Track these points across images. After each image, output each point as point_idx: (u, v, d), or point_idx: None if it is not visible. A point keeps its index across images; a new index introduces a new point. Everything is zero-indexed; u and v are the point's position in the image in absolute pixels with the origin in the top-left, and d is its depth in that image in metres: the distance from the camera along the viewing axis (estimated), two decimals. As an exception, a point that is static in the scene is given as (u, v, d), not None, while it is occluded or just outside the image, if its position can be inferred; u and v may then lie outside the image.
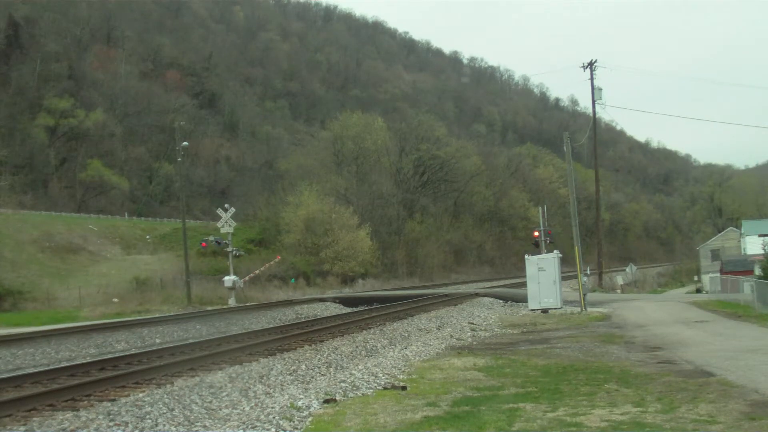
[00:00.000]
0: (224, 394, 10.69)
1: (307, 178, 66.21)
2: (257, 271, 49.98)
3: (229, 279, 41.89)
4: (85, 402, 10.38)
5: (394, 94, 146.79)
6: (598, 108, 50.52)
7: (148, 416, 9.19)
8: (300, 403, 10.05)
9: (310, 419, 9.24)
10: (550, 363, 13.74)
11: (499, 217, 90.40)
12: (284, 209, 61.36)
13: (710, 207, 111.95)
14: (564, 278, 31.16)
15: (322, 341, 17.57)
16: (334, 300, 40.35)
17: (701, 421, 8.28)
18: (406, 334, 19.74)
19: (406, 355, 15.68)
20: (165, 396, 10.37)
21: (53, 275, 49.31)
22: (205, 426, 8.83)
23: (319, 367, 13.60)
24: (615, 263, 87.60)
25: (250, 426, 8.75)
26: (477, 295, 36.23)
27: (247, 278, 47.10)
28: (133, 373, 12.71)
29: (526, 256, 29.29)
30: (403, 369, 13.60)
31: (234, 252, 43.94)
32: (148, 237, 72.08)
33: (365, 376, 12.54)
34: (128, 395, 10.71)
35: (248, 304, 39.19)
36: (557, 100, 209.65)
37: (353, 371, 13.16)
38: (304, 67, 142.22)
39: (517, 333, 20.72)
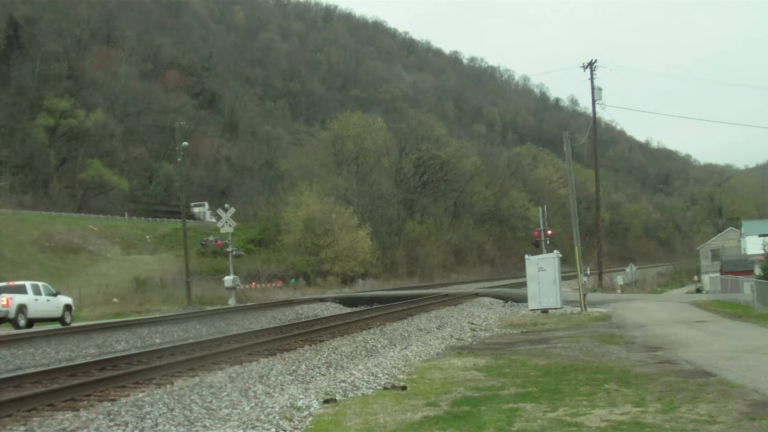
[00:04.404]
0: (224, 394, 10.68)
1: (307, 178, 66.22)
2: (259, 285, 50.21)
3: (229, 279, 41.91)
4: (85, 402, 10.37)
5: (394, 94, 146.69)
6: (598, 108, 50.56)
7: (148, 416, 9.19)
8: (300, 403, 10.05)
9: (310, 419, 9.24)
10: (550, 363, 13.74)
11: (499, 217, 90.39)
12: (284, 209, 61.37)
13: (710, 207, 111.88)
14: (564, 278, 31.16)
15: (322, 341, 17.56)
16: (334, 300, 40.36)
17: (701, 421, 8.28)
18: (406, 334, 19.74)
19: (406, 355, 15.68)
20: (165, 396, 10.36)
21: (53, 275, 49.29)
22: (205, 426, 8.83)
23: (319, 367, 13.60)
24: (615, 263, 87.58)
25: (250, 426, 8.75)
26: (477, 295, 36.24)
27: (247, 286, 47.25)
28: (133, 373, 12.70)
29: (526, 256, 29.29)
30: (403, 369, 13.60)
31: (234, 252, 43.96)
32: (148, 237, 72.10)
33: (365, 376, 12.54)
34: (128, 395, 10.70)
35: (248, 304, 39.20)
36: (557, 100, 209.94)
37: (353, 371, 13.16)
38: (304, 67, 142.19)
39: (517, 333, 20.72)
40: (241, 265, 50.65)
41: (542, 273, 27.83)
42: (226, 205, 43.49)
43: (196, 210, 43.27)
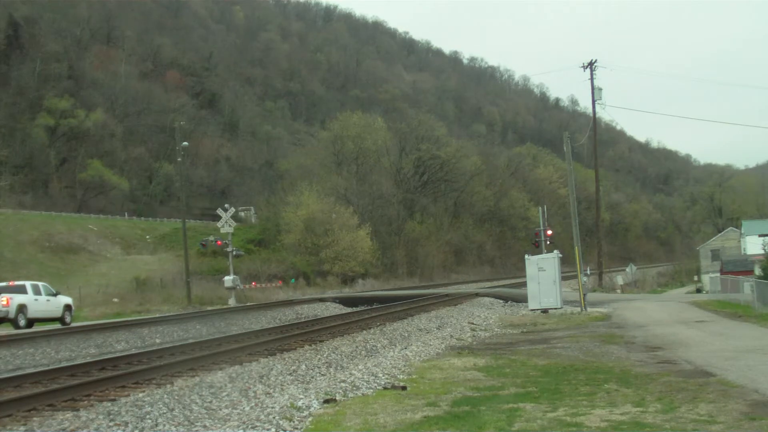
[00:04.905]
0: (224, 394, 10.68)
1: (307, 178, 66.22)
2: (259, 285, 50.30)
3: (229, 279, 41.89)
4: (85, 402, 10.37)
5: (394, 94, 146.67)
6: (598, 108, 50.55)
7: (148, 416, 9.19)
8: (300, 403, 10.05)
9: (310, 419, 9.24)
10: (550, 363, 13.74)
11: (499, 217, 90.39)
12: (284, 209, 61.37)
13: (710, 207, 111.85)
14: (564, 278, 31.16)
15: (322, 341, 17.56)
16: (334, 300, 40.35)
17: (701, 421, 8.28)
18: (406, 334, 19.74)
19: (406, 355, 15.68)
20: (165, 396, 10.36)
21: (53, 275, 49.29)
22: (205, 426, 8.83)
23: (319, 367, 13.60)
24: (615, 263, 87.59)
25: (250, 426, 8.75)
26: (477, 295, 36.23)
27: (247, 286, 47.29)
28: (133, 373, 12.70)
29: (526, 256, 29.29)
30: (403, 369, 13.60)
31: (234, 252, 43.94)
32: (148, 237, 72.10)
33: (365, 376, 12.54)
34: (128, 395, 10.70)
35: (248, 304, 39.20)
36: (557, 100, 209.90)
37: (353, 371, 13.16)
38: (304, 67, 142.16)
39: (517, 333, 20.72)
40: (241, 265, 50.64)
41: (542, 273, 27.82)
42: (226, 205, 43.46)
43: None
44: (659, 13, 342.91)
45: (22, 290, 28.53)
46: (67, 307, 30.32)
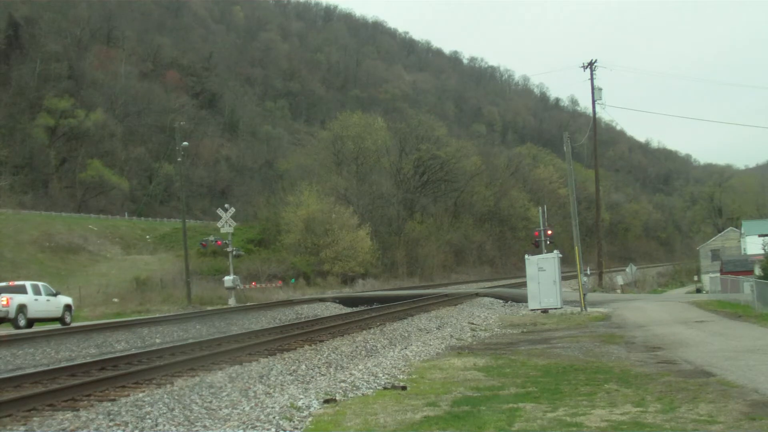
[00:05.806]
0: (224, 394, 10.69)
1: (307, 178, 66.24)
2: (259, 285, 50.33)
3: (229, 279, 41.89)
4: (85, 402, 10.37)
5: (394, 94, 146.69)
6: (598, 108, 50.50)
7: (148, 416, 9.19)
8: (300, 403, 10.05)
9: (310, 419, 9.24)
10: (550, 363, 13.74)
11: (499, 217, 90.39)
12: (284, 209, 61.37)
13: (710, 207, 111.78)
14: (564, 278, 31.14)
15: (322, 341, 17.55)
16: (334, 300, 40.33)
17: (701, 421, 8.28)
18: (406, 334, 19.74)
19: (406, 355, 15.68)
20: (165, 396, 10.36)
21: (53, 275, 49.31)
22: (205, 426, 8.83)
23: (319, 367, 13.60)
24: (615, 263, 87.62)
25: (250, 426, 8.75)
26: (477, 295, 36.22)
27: (247, 285, 47.30)
28: (133, 373, 12.69)
29: (526, 256, 29.28)
30: (403, 369, 13.60)
31: (234, 252, 43.94)
32: (148, 237, 72.11)
33: (365, 376, 12.54)
34: (128, 395, 10.69)
35: (248, 304, 39.19)
36: (557, 100, 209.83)
37: (353, 371, 13.16)
38: (304, 67, 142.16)
39: (517, 333, 20.72)
40: (241, 265, 50.64)
41: (542, 273, 27.81)
42: (226, 205, 43.46)
43: None
44: (659, 14, 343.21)
45: (22, 290, 28.55)
46: (67, 307, 30.35)
